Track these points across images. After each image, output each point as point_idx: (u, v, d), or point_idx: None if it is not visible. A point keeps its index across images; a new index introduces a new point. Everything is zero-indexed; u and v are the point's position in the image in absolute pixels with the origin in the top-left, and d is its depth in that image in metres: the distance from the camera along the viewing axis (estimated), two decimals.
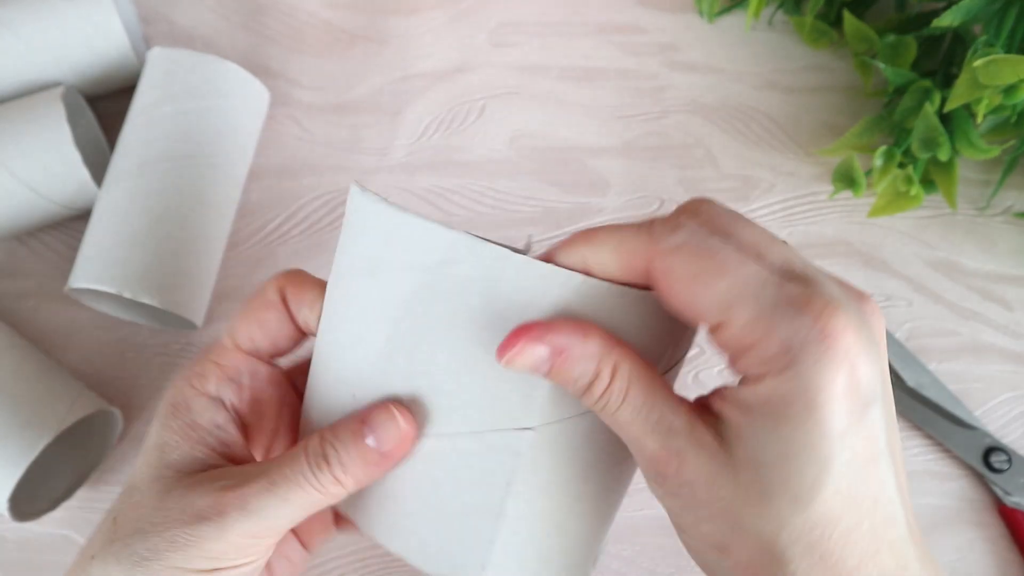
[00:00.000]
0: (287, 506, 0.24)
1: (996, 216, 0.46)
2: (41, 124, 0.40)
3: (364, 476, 0.25)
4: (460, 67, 0.48)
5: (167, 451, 0.26)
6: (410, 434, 0.25)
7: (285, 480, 0.25)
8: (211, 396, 0.27)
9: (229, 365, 0.28)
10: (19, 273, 0.44)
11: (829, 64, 0.48)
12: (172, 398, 0.27)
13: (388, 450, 0.25)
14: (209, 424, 0.27)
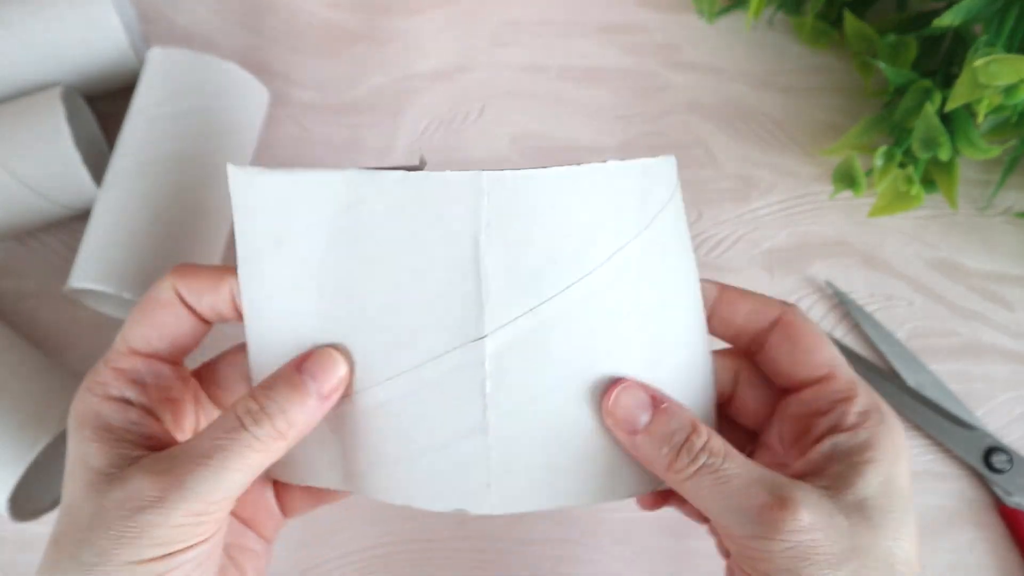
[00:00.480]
0: (228, 474, 0.24)
1: (997, 216, 0.46)
2: (41, 124, 0.40)
3: (305, 424, 0.25)
4: (460, 67, 0.48)
5: (90, 460, 0.25)
6: (347, 371, 0.25)
7: (220, 450, 0.24)
8: (115, 398, 0.26)
9: (127, 368, 0.27)
10: (19, 273, 0.44)
11: (829, 64, 0.48)
12: (77, 411, 0.26)
13: (328, 391, 0.25)
14: (123, 423, 0.26)
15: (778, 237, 0.45)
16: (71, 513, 0.24)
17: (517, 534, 0.40)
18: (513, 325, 0.24)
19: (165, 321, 0.27)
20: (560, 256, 0.24)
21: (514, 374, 0.24)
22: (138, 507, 0.23)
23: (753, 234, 0.45)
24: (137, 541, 0.23)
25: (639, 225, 0.25)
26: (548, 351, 0.24)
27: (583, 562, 0.40)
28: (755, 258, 0.45)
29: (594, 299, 0.24)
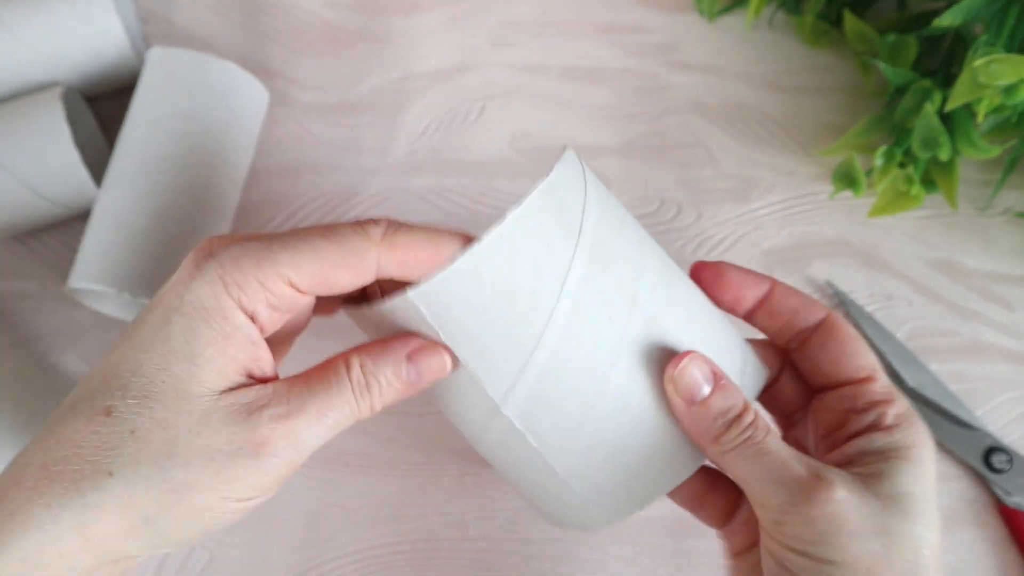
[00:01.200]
0: (330, 432, 0.24)
1: (997, 216, 0.46)
2: (41, 124, 0.40)
3: (393, 403, 0.26)
4: (460, 67, 0.48)
5: (199, 363, 0.23)
6: (447, 373, 0.26)
7: (333, 410, 0.24)
8: (248, 311, 0.24)
9: (273, 291, 0.24)
10: (19, 273, 0.44)
11: (829, 64, 0.48)
12: (202, 301, 0.24)
13: (424, 385, 0.26)
14: (244, 340, 0.24)
15: (778, 237, 0.45)
16: (154, 409, 0.23)
17: (517, 534, 0.40)
18: (515, 389, 0.26)
19: (345, 283, 0.25)
20: (518, 319, 0.25)
21: (543, 418, 0.26)
22: (248, 451, 0.23)
23: (753, 234, 0.45)
24: (236, 483, 0.23)
25: (570, 243, 0.26)
26: (559, 390, 0.26)
27: (583, 562, 0.40)
28: (755, 258, 0.45)
29: (571, 329, 0.26)
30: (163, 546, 0.24)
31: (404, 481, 0.41)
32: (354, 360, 0.25)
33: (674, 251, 0.45)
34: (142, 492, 0.22)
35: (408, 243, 0.25)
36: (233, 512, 0.24)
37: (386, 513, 0.40)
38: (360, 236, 0.24)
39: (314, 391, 0.24)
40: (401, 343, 0.25)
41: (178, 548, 0.25)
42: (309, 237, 0.24)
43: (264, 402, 0.24)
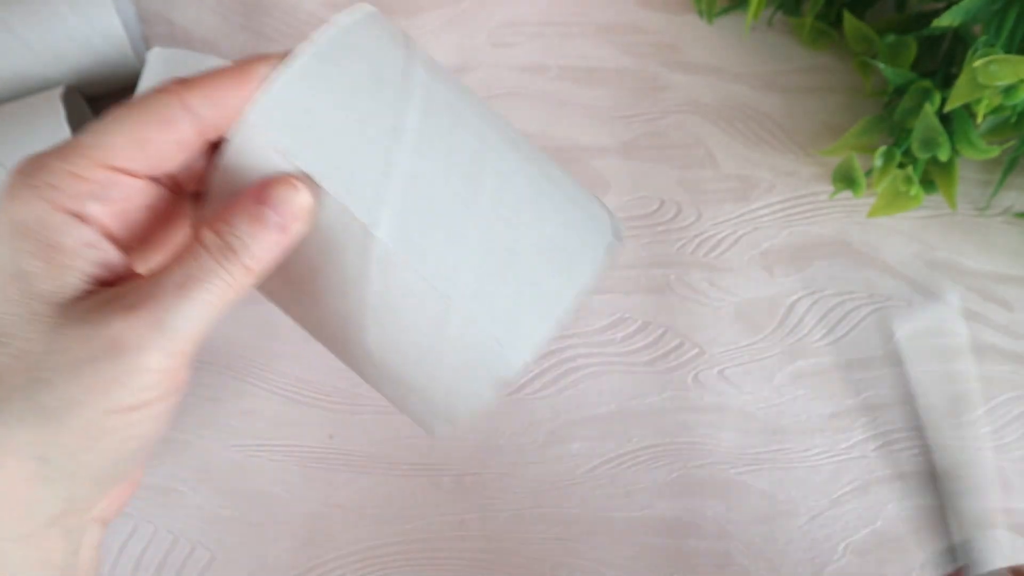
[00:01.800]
0: (203, 310, 0.22)
1: (996, 216, 0.46)
2: (41, 124, 0.40)
3: (270, 259, 0.23)
4: (460, 67, 0.48)
5: (32, 281, 0.21)
6: (311, 204, 0.23)
7: (195, 281, 0.22)
8: (69, 211, 0.22)
9: (91, 178, 0.22)
10: None
11: (829, 64, 0.48)
12: (15, 214, 0.22)
13: (290, 222, 0.23)
14: (76, 243, 0.22)
15: (778, 237, 0.45)
16: (5, 343, 0.21)
17: (517, 534, 0.40)
18: (383, 201, 0.24)
19: (162, 143, 0.23)
20: (369, 114, 0.24)
21: (422, 233, 0.24)
22: (112, 348, 0.21)
23: (753, 234, 0.45)
24: (113, 388, 0.21)
25: (404, 52, 0.25)
26: (431, 192, 0.24)
27: (583, 562, 0.40)
28: (755, 258, 0.45)
29: (429, 122, 0.24)
30: (78, 487, 0.22)
31: (404, 481, 0.41)
32: (204, 228, 0.23)
33: (674, 251, 0.45)
34: (19, 429, 0.21)
35: (206, 76, 0.23)
36: (129, 425, 0.22)
37: (386, 513, 0.40)
38: (157, 90, 0.23)
39: (168, 272, 0.22)
40: (247, 191, 0.23)
41: (99, 488, 0.23)
42: (110, 112, 0.23)
43: (114, 298, 0.21)
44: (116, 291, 0.22)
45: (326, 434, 0.41)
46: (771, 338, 0.43)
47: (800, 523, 0.40)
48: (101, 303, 0.21)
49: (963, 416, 0.41)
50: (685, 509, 0.40)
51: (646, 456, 0.41)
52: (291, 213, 0.23)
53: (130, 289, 0.22)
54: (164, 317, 0.21)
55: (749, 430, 0.41)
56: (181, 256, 0.22)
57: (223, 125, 0.23)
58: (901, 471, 0.41)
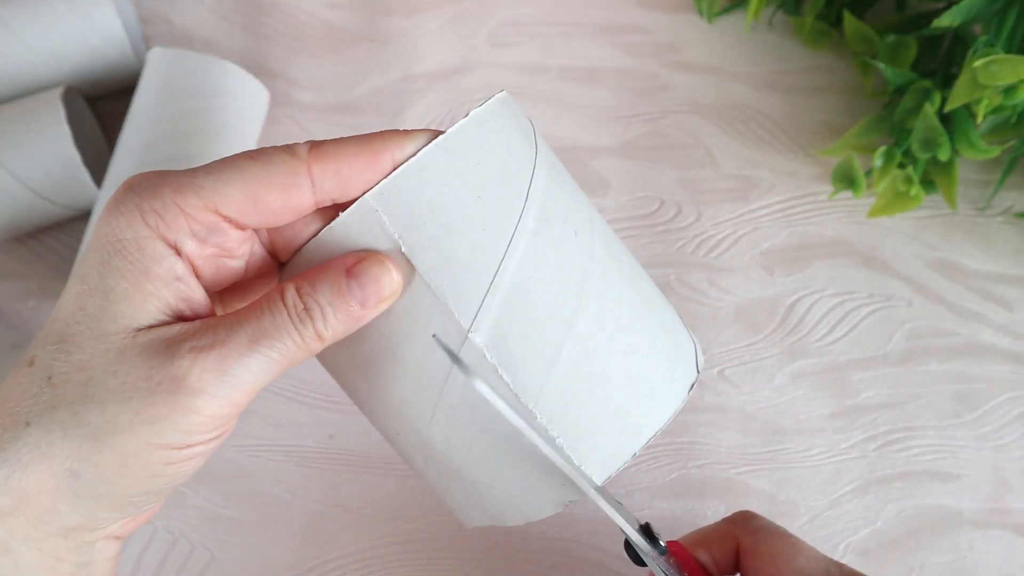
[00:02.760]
0: (268, 366, 0.22)
1: (996, 216, 0.46)
2: (41, 125, 0.40)
3: (344, 332, 0.23)
4: (460, 67, 0.48)
5: (114, 300, 0.21)
6: (398, 288, 0.23)
7: (267, 337, 0.22)
8: (169, 242, 0.22)
9: (198, 219, 0.22)
10: (19, 273, 0.44)
11: (829, 64, 0.48)
12: (117, 232, 0.22)
13: (374, 302, 0.23)
14: (166, 274, 0.22)
15: (778, 237, 0.45)
16: (71, 353, 0.21)
17: (517, 534, 0.40)
18: (485, 307, 0.23)
19: (278, 206, 0.23)
20: (486, 219, 0.23)
21: (516, 345, 0.23)
22: (170, 386, 0.21)
23: (753, 234, 0.45)
24: (161, 424, 0.21)
25: (530, 150, 0.24)
26: (532, 308, 0.24)
27: (583, 562, 0.40)
28: (755, 258, 0.45)
29: (539, 238, 0.24)
30: (100, 508, 0.22)
31: (404, 481, 0.41)
32: (288, 285, 0.23)
33: (674, 251, 0.45)
34: (60, 439, 0.21)
35: (338, 151, 0.23)
36: (166, 462, 0.22)
37: (386, 513, 0.40)
38: (287, 151, 0.23)
39: (244, 320, 0.22)
40: (339, 260, 0.23)
41: (121, 513, 0.23)
42: (235, 158, 0.23)
43: (187, 336, 0.21)
44: (188, 328, 0.22)
45: (326, 434, 0.41)
46: (771, 338, 0.43)
47: (800, 523, 0.40)
48: (171, 337, 0.21)
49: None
50: (685, 509, 0.40)
51: (646, 456, 0.41)
52: (377, 293, 0.23)
53: (202, 329, 0.22)
54: (230, 367, 0.21)
55: (749, 430, 0.41)
56: (259, 306, 0.22)
57: (340, 199, 0.23)
58: (901, 471, 0.41)
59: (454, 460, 0.25)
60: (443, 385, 0.24)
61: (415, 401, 0.25)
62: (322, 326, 0.22)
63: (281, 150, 0.23)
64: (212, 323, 0.22)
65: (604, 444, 0.24)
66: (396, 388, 0.25)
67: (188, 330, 0.22)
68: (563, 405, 0.24)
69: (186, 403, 0.21)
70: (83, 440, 0.21)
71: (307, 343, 0.22)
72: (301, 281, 0.23)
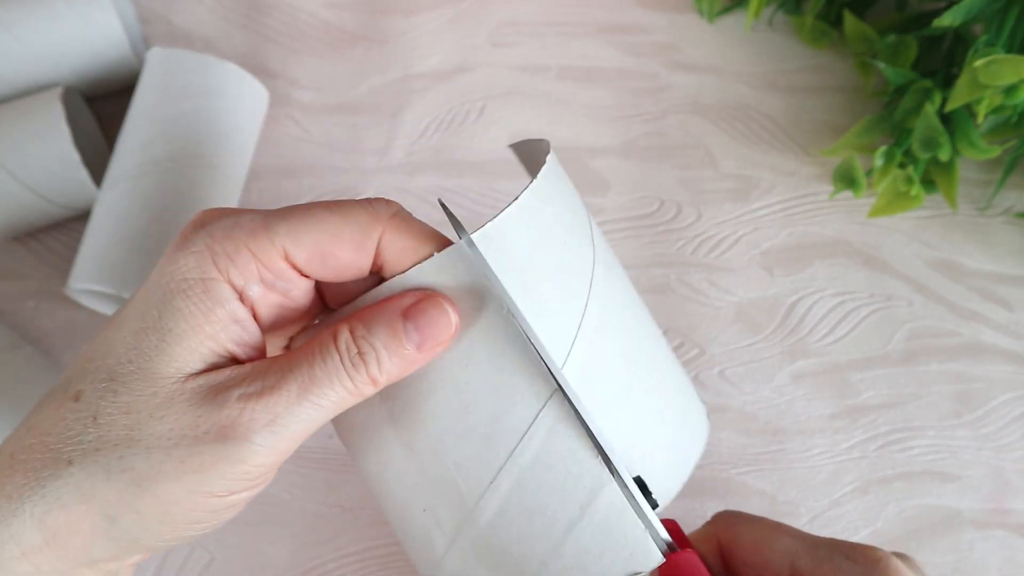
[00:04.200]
0: (319, 413, 0.21)
1: (997, 216, 0.46)
2: (40, 125, 0.40)
3: (399, 375, 0.22)
4: (460, 67, 0.48)
5: (171, 340, 0.21)
6: (456, 331, 0.22)
7: (318, 384, 0.21)
8: (236, 287, 0.22)
9: (267, 264, 0.22)
10: (19, 273, 0.44)
11: (829, 64, 0.48)
12: (184, 272, 0.21)
13: (431, 346, 0.22)
14: (227, 318, 0.22)
15: (778, 237, 0.45)
16: (118, 393, 0.21)
17: None
18: (573, 350, 0.23)
19: (345, 263, 0.22)
20: (570, 264, 0.24)
21: (593, 387, 0.23)
22: (218, 435, 0.20)
23: (753, 234, 0.45)
24: (206, 473, 0.20)
25: (583, 208, 0.26)
26: (609, 349, 0.24)
27: None
28: (755, 258, 0.45)
29: (605, 285, 0.25)
30: (133, 550, 0.22)
31: None
32: (342, 327, 0.22)
33: (674, 251, 0.45)
34: (102, 482, 0.20)
35: (415, 230, 0.22)
36: (209, 510, 0.21)
37: None
38: (367, 211, 0.22)
39: (295, 366, 0.21)
40: (395, 299, 0.22)
41: (153, 552, 0.22)
42: (312, 208, 0.22)
43: (236, 381, 0.21)
44: (238, 373, 0.21)
45: (326, 434, 0.41)
46: (771, 338, 0.43)
47: (800, 523, 0.40)
48: (221, 383, 0.21)
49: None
50: (685, 509, 0.40)
51: None
52: (434, 336, 0.22)
53: (252, 375, 0.21)
54: (279, 416, 0.21)
55: (749, 430, 0.41)
56: (311, 350, 0.21)
57: (385, 272, 0.23)
58: (901, 471, 0.41)
59: (503, 537, 0.23)
60: (517, 444, 0.23)
61: (475, 465, 0.23)
62: (376, 371, 0.22)
63: (360, 207, 0.22)
64: (263, 368, 0.21)
65: (663, 476, 0.25)
66: (453, 449, 0.23)
67: (238, 375, 0.21)
68: (631, 445, 0.24)
69: (232, 453, 0.20)
70: (126, 485, 0.20)
71: (359, 389, 0.22)
72: (356, 323, 0.22)
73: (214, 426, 0.20)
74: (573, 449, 0.22)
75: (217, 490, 0.21)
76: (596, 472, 0.23)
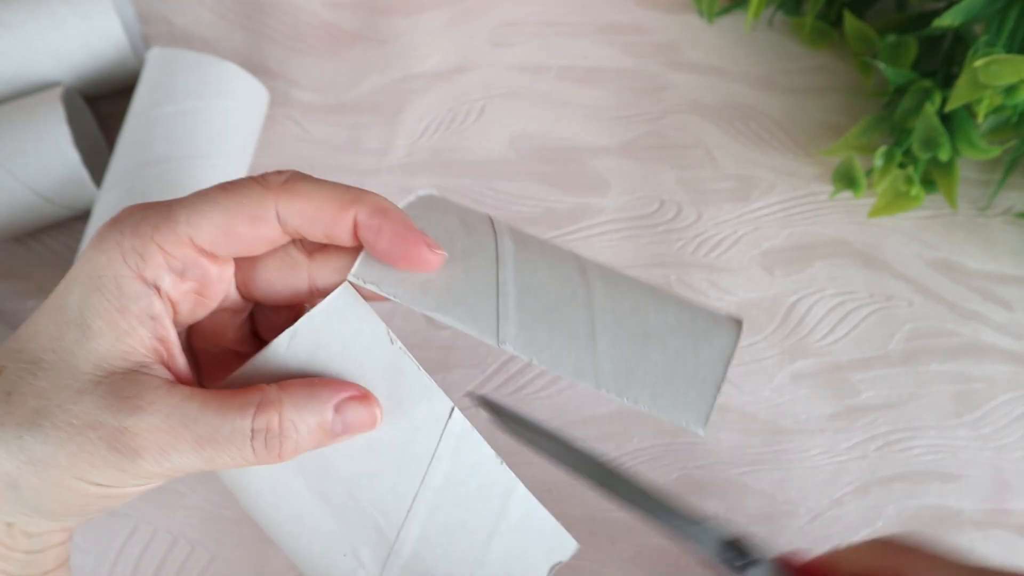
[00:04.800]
0: (210, 466, 0.22)
1: (997, 216, 0.46)
2: (41, 125, 0.40)
3: (304, 451, 0.23)
4: (460, 67, 0.48)
5: (89, 336, 0.22)
6: (378, 421, 0.23)
7: (215, 444, 0.22)
8: (147, 280, 0.23)
9: (174, 253, 0.23)
10: (19, 273, 0.43)
11: (829, 64, 0.48)
12: (98, 270, 0.22)
13: (350, 435, 0.23)
14: (141, 312, 0.22)
15: (778, 237, 0.45)
16: (37, 375, 0.22)
17: None
18: (503, 325, 0.24)
19: (248, 237, 0.23)
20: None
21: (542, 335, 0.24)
22: (112, 443, 0.21)
23: (753, 234, 0.45)
24: (97, 471, 0.21)
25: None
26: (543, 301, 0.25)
27: (583, 562, 0.40)
28: (755, 258, 0.45)
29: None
30: (39, 517, 0.23)
31: None
32: (272, 411, 0.22)
33: (674, 251, 0.45)
34: (3, 455, 0.21)
35: (308, 192, 0.23)
36: (100, 496, 0.22)
37: None
38: (258, 184, 0.23)
39: (204, 413, 0.22)
40: (331, 391, 0.23)
41: (59, 522, 0.23)
42: (209, 191, 0.23)
43: (147, 401, 0.22)
44: (151, 394, 0.22)
45: None
46: (771, 338, 0.43)
47: (800, 523, 0.40)
48: (131, 397, 0.22)
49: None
50: None
51: (646, 456, 0.41)
52: (356, 431, 0.23)
53: (165, 404, 0.22)
54: (170, 454, 0.21)
55: (749, 430, 0.41)
56: (226, 409, 0.22)
57: (307, 237, 0.24)
58: (902, 471, 0.41)
59: (428, 561, 0.25)
60: (427, 468, 0.24)
61: (391, 498, 0.24)
62: (290, 450, 0.23)
63: (253, 181, 0.23)
64: (178, 400, 0.22)
65: (685, 391, 0.24)
66: (367, 487, 0.24)
67: (151, 395, 0.22)
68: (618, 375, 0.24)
69: (121, 463, 0.21)
70: (22, 463, 0.21)
71: (259, 459, 0.22)
72: (287, 406, 0.23)
73: (111, 432, 0.21)
74: (480, 460, 0.24)
75: (104, 483, 0.22)
76: (504, 478, 0.24)
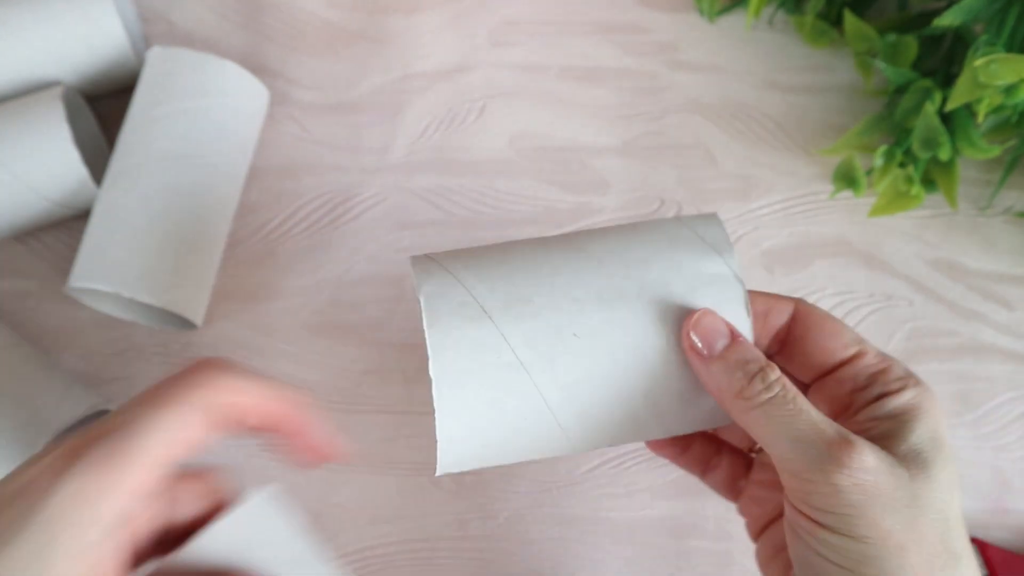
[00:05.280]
0: None
1: (997, 216, 0.46)
2: (41, 124, 0.40)
3: None
4: (460, 67, 0.48)
5: (93, 547, 0.22)
6: None
7: None
8: (111, 517, 0.23)
9: (138, 489, 0.23)
10: (19, 273, 0.44)
11: (830, 64, 0.48)
12: (63, 511, 0.22)
13: None
14: (148, 523, 0.24)
15: (778, 237, 0.45)
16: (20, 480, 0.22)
17: (517, 534, 0.40)
18: None
19: (195, 437, 0.24)
20: None
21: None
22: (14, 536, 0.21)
23: (753, 234, 0.45)
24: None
25: None
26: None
27: (583, 561, 0.40)
28: (755, 258, 0.45)
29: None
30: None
31: (404, 481, 0.41)
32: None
33: None
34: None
35: (239, 391, 0.25)
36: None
37: (386, 513, 0.40)
38: (186, 407, 0.24)
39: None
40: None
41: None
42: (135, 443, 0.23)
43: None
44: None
45: None
46: None
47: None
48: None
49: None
50: (685, 509, 0.40)
51: (646, 456, 0.41)
52: None
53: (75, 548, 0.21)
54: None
55: None
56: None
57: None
58: None
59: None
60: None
61: None
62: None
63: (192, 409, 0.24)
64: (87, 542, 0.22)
65: (592, 425, 0.28)
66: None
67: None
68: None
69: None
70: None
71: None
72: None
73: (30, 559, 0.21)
74: None
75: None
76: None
